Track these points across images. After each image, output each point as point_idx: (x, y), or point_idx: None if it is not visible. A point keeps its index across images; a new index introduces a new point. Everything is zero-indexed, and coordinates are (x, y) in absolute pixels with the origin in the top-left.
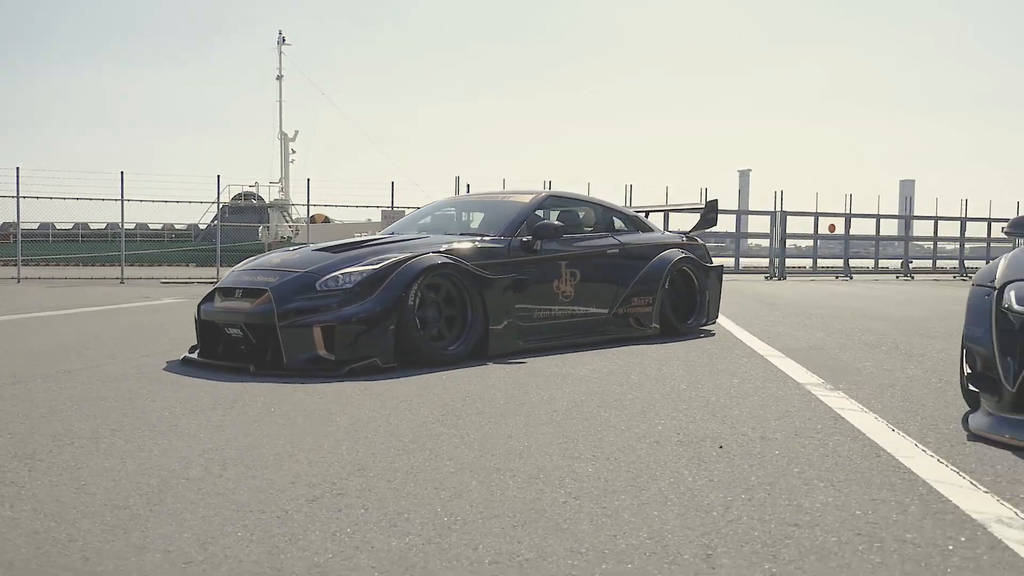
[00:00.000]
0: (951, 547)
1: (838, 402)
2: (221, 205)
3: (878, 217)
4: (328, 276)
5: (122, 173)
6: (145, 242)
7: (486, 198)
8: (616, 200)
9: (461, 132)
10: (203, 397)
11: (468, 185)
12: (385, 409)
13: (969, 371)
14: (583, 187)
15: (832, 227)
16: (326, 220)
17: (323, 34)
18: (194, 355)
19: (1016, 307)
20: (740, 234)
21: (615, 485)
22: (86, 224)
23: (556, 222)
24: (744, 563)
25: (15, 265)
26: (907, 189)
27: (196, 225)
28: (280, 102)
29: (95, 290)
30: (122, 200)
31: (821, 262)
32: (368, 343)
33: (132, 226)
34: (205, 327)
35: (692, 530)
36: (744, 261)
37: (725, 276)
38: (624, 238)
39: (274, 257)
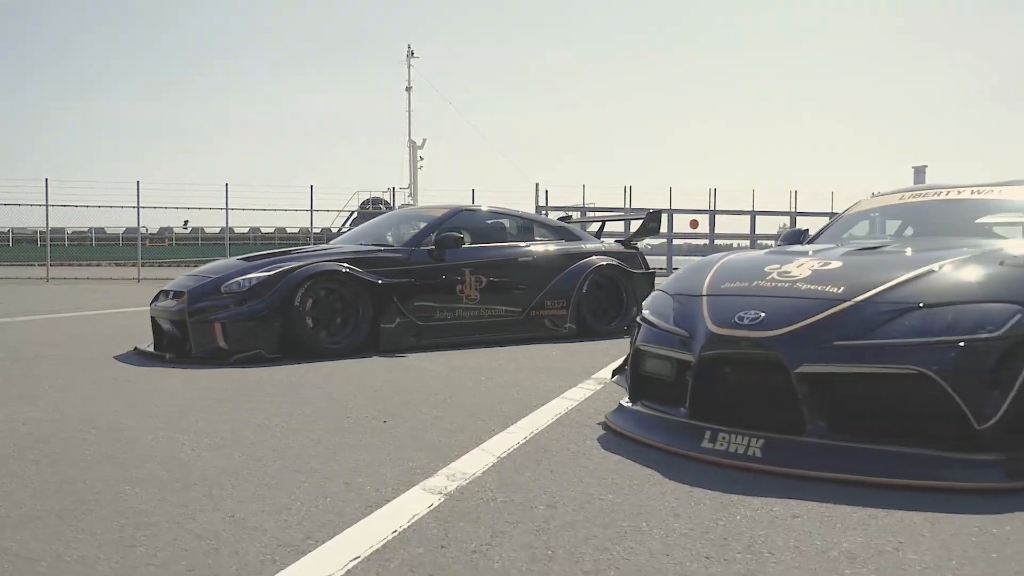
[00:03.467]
0: None
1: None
2: (352, 211)
3: None
4: (231, 281)
5: (227, 186)
6: (260, 245)
7: (412, 212)
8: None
9: (589, 136)
10: (105, 373)
11: (547, 192)
12: (198, 386)
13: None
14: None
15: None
16: None
17: (452, 47)
18: (144, 346)
19: (644, 313)
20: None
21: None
22: (202, 229)
23: (456, 233)
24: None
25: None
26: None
27: (328, 229)
28: (409, 112)
29: None
30: (227, 209)
31: None
32: (256, 337)
33: (245, 230)
34: (154, 323)
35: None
36: None
37: None
38: (539, 247)
39: (209, 264)
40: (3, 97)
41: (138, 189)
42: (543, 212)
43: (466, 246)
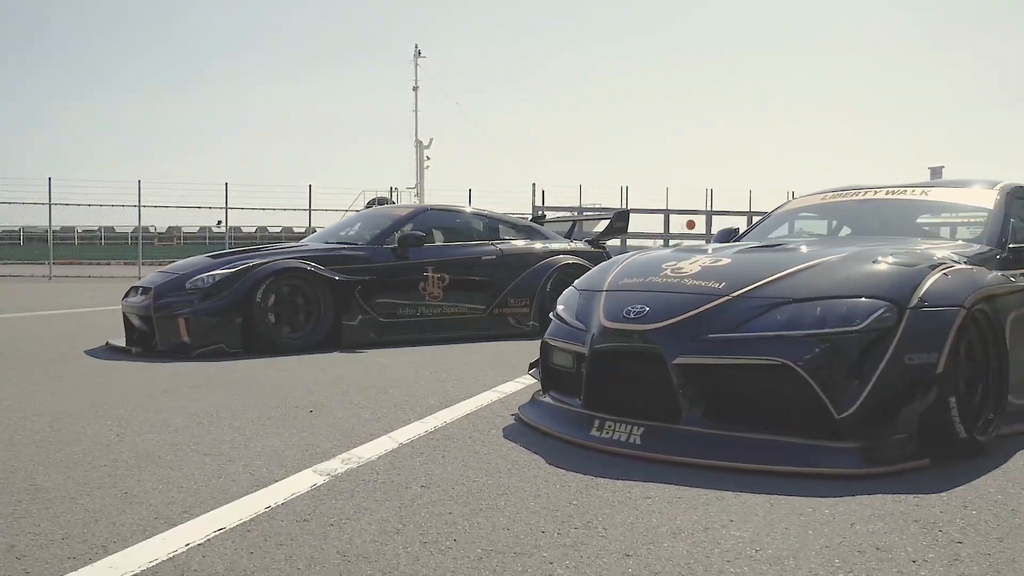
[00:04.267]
0: None
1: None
2: (357, 211)
3: None
4: (196, 277)
5: (227, 185)
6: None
7: (379, 211)
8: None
9: (595, 136)
10: (70, 368)
11: (543, 192)
12: (159, 376)
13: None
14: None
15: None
16: None
17: (458, 46)
18: (115, 342)
19: (556, 308)
20: None
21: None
22: (209, 228)
23: (418, 232)
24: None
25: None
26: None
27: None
28: (416, 112)
29: None
30: (226, 208)
31: None
32: (218, 332)
33: (253, 229)
34: (125, 318)
35: None
36: None
37: None
38: (504, 246)
39: (179, 262)
40: (9, 96)
41: (139, 188)
42: (540, 212)
43: (430, 245)
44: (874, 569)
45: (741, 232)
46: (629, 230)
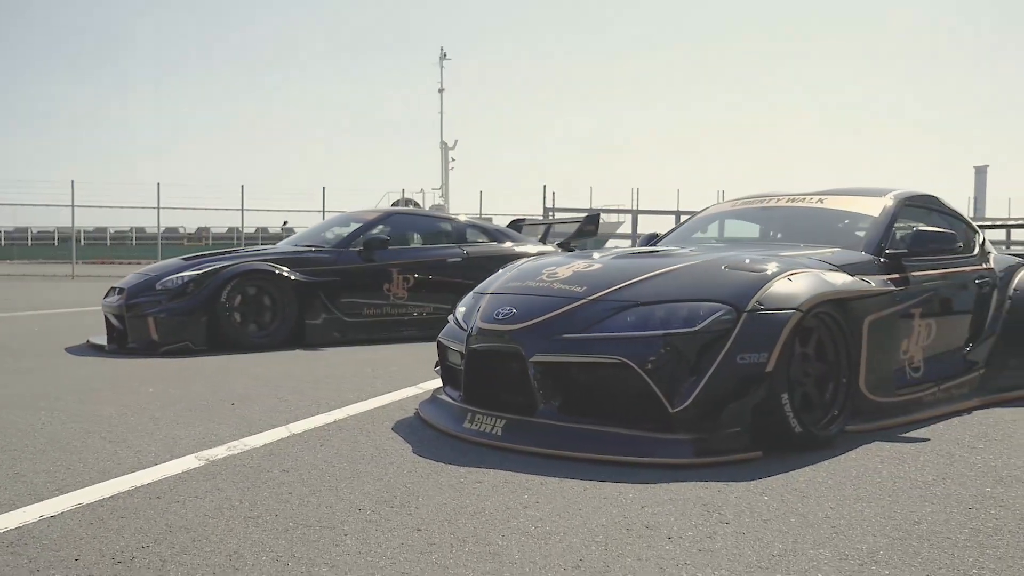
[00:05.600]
0: None
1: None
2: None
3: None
4: (166, 279)
5: (243, 187)
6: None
7: (350, 215)
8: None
9: (627, 137)
10: (49, 364)
11: (554, 193)
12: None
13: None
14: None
15: None
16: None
17: (483, 48)
18: (95, 339)
19: (455, 309)
20: None
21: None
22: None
23: (382, 236)
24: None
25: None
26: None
27: None
28: (441, 113)
29: None
30: (242, 210)
31: None
32: (184, 330)
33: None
34: (106, 317)
35: None
36: None
37: None
38: (471, 248)
39: (154, 264)
40: (37, 97)
41: (158, 191)
42: (550, 213)
43: (397, 247)
44: (628, 543)
45: (661, 235)
46: (639, 231)
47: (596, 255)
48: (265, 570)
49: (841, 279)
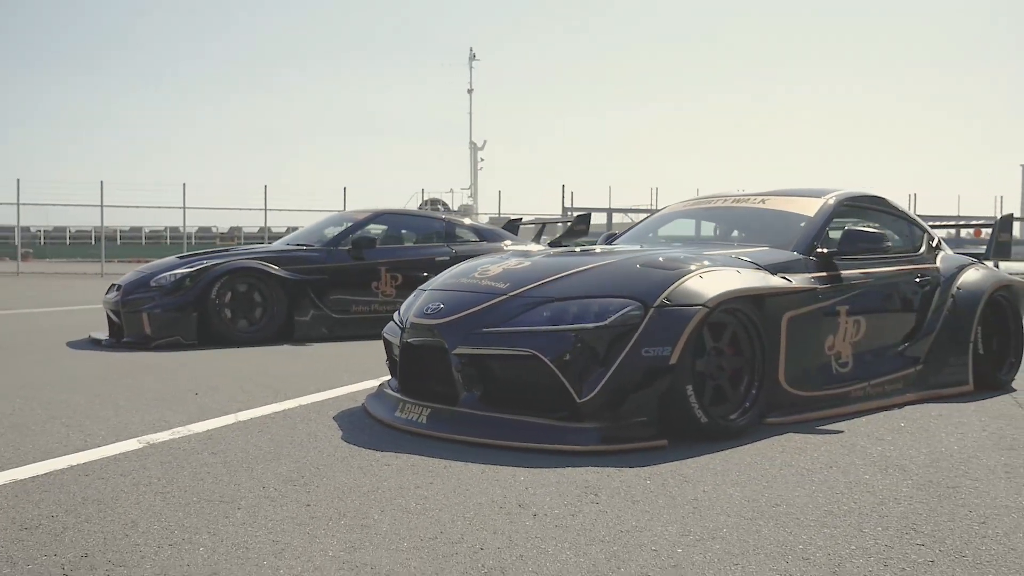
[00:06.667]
0: None
1: None
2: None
3: None
4: (160, 276)
5: (265, 187)
6: None
7: (343, 215)
8: None
9: (648, 137)
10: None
11: (572, 193)
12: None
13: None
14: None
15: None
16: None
17: (512, 49)
18: (96, 334)
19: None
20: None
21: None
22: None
23: (371, 235)
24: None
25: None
26: None
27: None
28: (470, 114)
29: None
30: (265, 210)
31: None
32: (176, 325)
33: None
34: (106, 312)
35: None
36: None
37: None
38: (459, 247)
39: (152, 263)
40: (64, 99)
41: (184, 192)
42: (568, 213)
43: (385, 246)
44: (493, 519)
45: (619, 234)
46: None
47: (534, 254)
48: (152, 536)
49: (758, 277)
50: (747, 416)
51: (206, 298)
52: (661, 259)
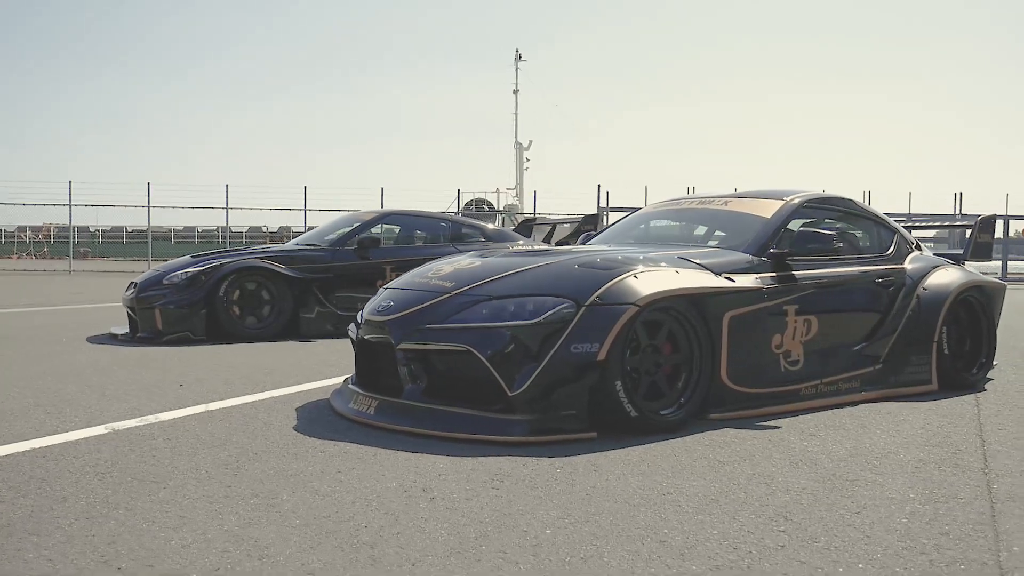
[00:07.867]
0: None
1: None
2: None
3: None
4: (172, 274)
5: (305, 188)
6: None
7: (351, 216)
8: None
9: (691, 134)
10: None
11: (608, 193)
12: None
13: None
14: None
15: None
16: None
17: (558, 49)
18: (115, 330)
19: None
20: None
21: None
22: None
23: (376, 235)
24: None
25: None
26: None
27: None
28: (516, 114)
29: None
30: (305, 210)
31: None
32: (186, 321)
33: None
34: (125, 309)
35: None
36: None
37: None
38: (464, 247)
39: (168, 261)
40: (111, 102)
41: (227, 192)
42: (604, 213)
43: (391, 246)
44: (391, 501)
45: (595, 233)
46: None
47: (489, 254)
48: (73, 510)
49: (698, 277)
50: (682, 411)
51: (215, 295)
52: (599, 260)
